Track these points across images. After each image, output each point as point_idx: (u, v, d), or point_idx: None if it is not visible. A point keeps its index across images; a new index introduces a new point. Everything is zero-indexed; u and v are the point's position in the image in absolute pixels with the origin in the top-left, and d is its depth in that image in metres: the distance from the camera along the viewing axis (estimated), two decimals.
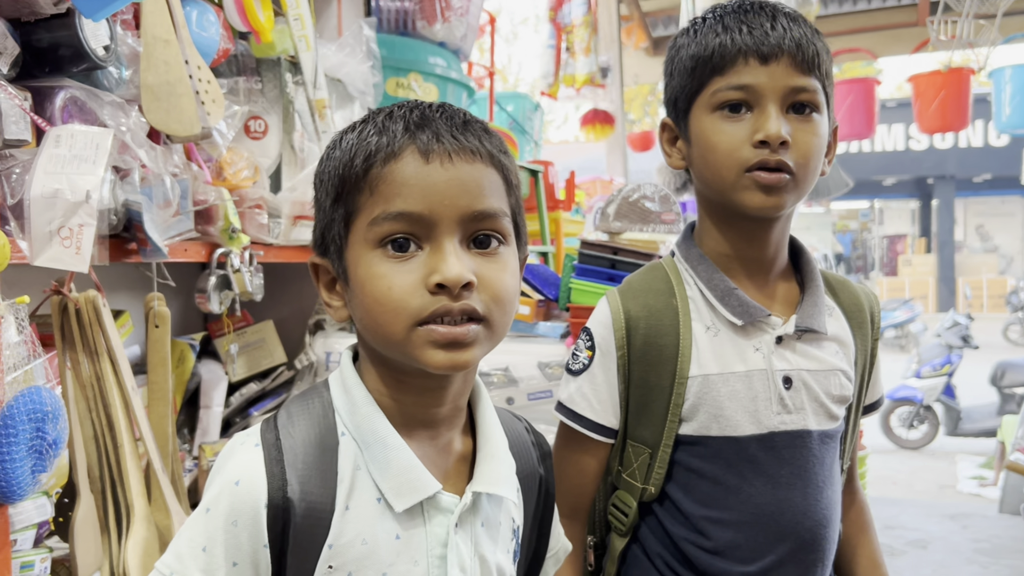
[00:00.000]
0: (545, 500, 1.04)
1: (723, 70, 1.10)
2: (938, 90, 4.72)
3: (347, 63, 2.09)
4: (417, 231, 0.81)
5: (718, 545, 1.14)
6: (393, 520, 0.84)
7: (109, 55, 1.32)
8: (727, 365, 1.14)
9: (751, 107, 1.09)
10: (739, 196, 1.10)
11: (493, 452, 0.91)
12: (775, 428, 1.13)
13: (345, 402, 0.88)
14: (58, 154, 1.19)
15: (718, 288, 1.15)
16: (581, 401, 1.19)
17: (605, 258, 1.97)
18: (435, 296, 0.80)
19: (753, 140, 1.07)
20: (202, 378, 1.91)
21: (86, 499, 1.34)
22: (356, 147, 0.84)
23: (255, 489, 0.81)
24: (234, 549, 0.80)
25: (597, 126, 5.32)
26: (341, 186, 0.84)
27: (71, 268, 1.19)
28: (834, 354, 1.18)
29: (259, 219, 1.75)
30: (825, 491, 1.15)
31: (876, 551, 1.30)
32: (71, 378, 1.34)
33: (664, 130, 1.22)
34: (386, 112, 0.86)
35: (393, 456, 0.84)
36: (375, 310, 0.82)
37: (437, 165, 0.81)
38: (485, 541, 0.90)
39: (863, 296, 1.26)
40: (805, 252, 1.22)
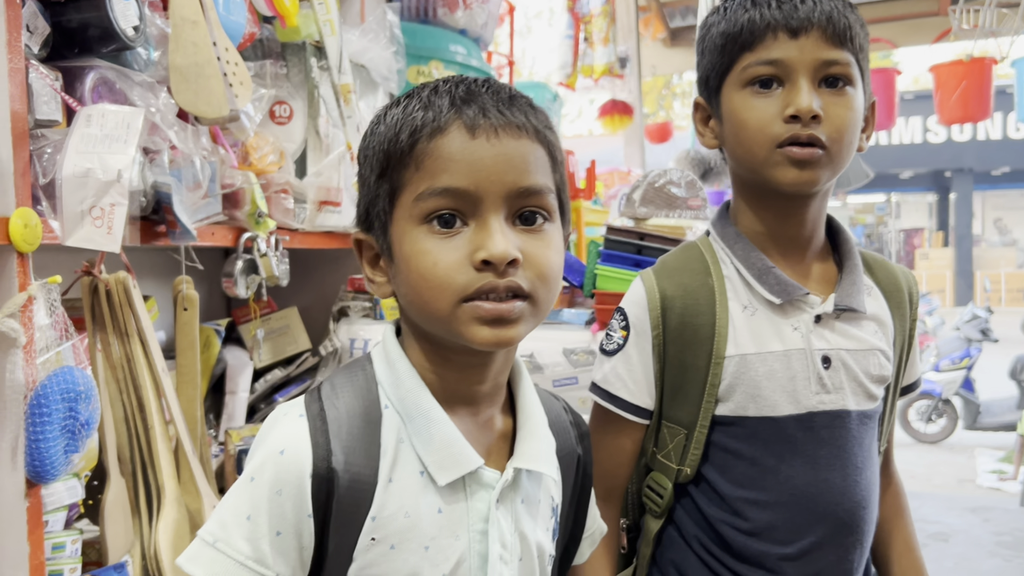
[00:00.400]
0: (583, 481, 1.03)
1: (752, 46, 1.08)
2: (959, 80, 4.68)
3: (371, 48, 2.08)
4: (463, 207, 0.81)
5: (755, 527, 1.12)
6: (435, 494, 0.84)
7: (138, 35, 1.32)
8: (764, 344, 1.12)
9: (782, 82, 1.07)
10: (772, 172, 1.08)
11: (533, 430, 0.91)
12: (814, 408, 1.12)
13: (389, 375, 0.87)
14: (89, 134, 1.19)
15: (755, 266, 1.14)
16: (616, 381, 1.18)
17: (631, 244, 1.95)
18: (480, 273, 0.79)
19: (784, 115, 1.06)
20: (227, 364, 1.91)
21: (116, 481, 1.34)
22: (401, 122, 0.83)
23: (300, 458, 0.81)
24: (278, 518, 0.80)
25: (615, 117, 5.29)
26: (386, 161, 0.84)
27: (103, 248, 1.18)
28: (873, 333, 1.16)
29: (285, 204, 1.75)
30: (864, 472, 1.14)
31: (911, 535, 1.28)
32: (101, 360, 1.34)
33: (697, 110, 1.21)
34: (431, 87, 0.85)
35: (436, 430, 0.84)
36: (420, 286, 0.81)
37: (483, 140, 0.81)
38: (525, 518, 0.90)
39: (901, 276, 1.24)
40: (843, 230, 1.20)
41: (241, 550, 0.80)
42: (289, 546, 0.81)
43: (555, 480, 0.96)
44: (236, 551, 0.80)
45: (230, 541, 0.80)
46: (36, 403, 1.10)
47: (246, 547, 0.80)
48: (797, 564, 1.12)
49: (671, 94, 18.44)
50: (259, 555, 0.80)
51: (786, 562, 1.12)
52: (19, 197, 1.10)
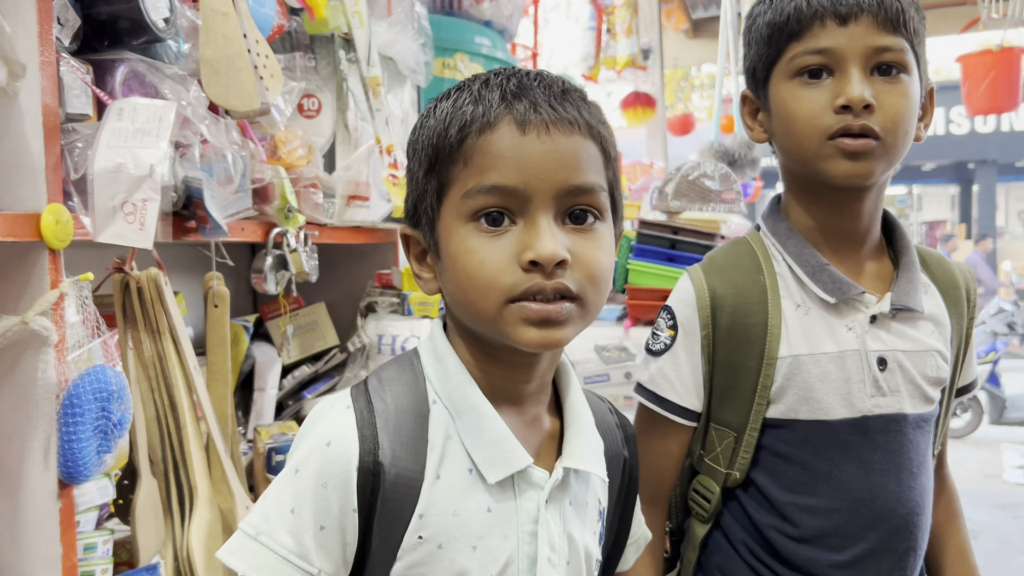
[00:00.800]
0: (629, 484, 1.00)
1: (800, 35, 1.04)
2: (988, 70, 4.60)
3: (398, 40, 2.05)
4: (511, 205, 0.78)
5: (806, 533, 1.09)
6: (484, 492, 0.82)
7: (169, 28, 1.29)
8: (818, 345, 1.08)
9: (831, 72, 1.03)
10: (824, 165, 1.04)
11: (581, 429, 0.88)
12: (869, 412, 1.08)
13: (437, 370, 0.85)
14: (121, 128, 1.17)
15: (808, 264, 1.10)
16: (663, 382, 1.14)
17: (665, 238, 1.92)
18: (528, 273, 0.77)
19: (835, 105, 1.02)
20: (256, 360, 1.89)
21: (147, 481, 1.32)
22: (451, 116, 0.81)
23: (347, 451, 0.79)
24: (323, 512, 0.78)
25: (638, 109, 5.24)
26: (435, 156, 0.81)
27: (135, 244, 1.16)
28: (930, 334, 1.12)
29: (314, 199, 1.72)
30: (919, 477, 1.10)
31: (965, 541, 1.24)
32: (133, 358, 1.32)
33: (745, 103, 1.17)
34: (482, 80, 0.82)
35: (486, 426, 0.82)
36: (467, 285, 0.79)
37: (534, 137, 0.78)
38: (573, 520, 0.88)
39: (959, 273, 1.20)
40: (899, 226, 1.16)
41: (284, 544, 0.78)
42: (333, 541, 0.79)
43: (603, 481, 0.93)
44: (279, 545, 0.78)
45: (273, 534, 0.78)
46: (68, 403, 1.09)
47: (289, 541, 0.78)
48: (848, 572, 1.09)
49: (689, 86, 18.33)
50: (302, 549, 0.78)
51: (837, 570, 1.08)
52: (51, 193, 1.09)
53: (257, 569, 0.78)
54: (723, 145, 4.25)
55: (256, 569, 0.78)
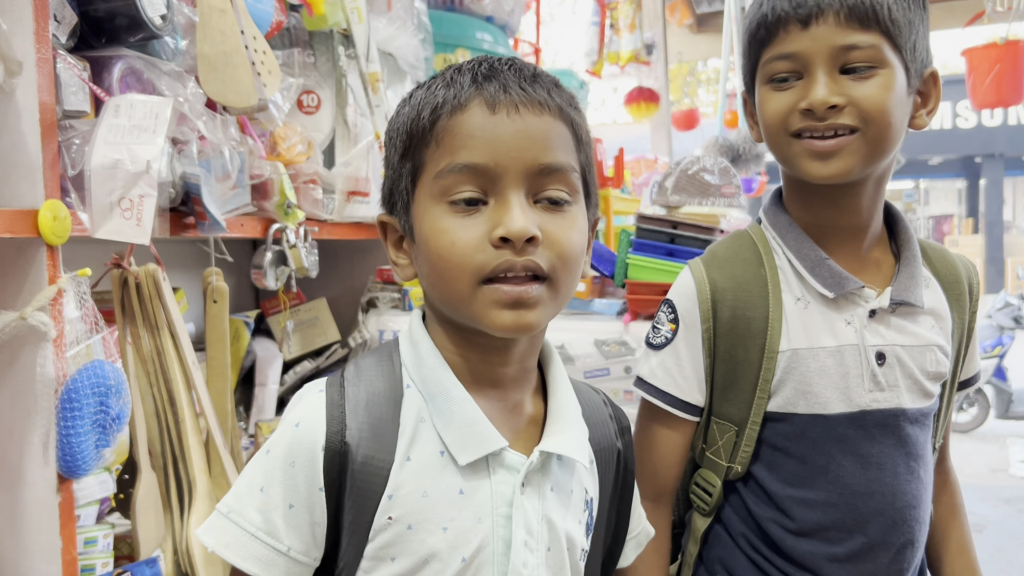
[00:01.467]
0: (624, 477, 1.00)
1: (768, 42, 1.05)
2: (993, 64, 4.57)
3: (398, 36, 2.05)
4: (482, 184, 0.80)
5: (804, 527, 1.09)
6: (456, 474, 0.82)
7: (166, 24, 1.30)
8: (816, 339, 1.08)
9: (800, 75, 1.03)
10: (797, 165, 1.05)
11: (563, 414, 0.89)
12: (867, 407, 1.07)
13: (412, 355, 0.87)
14: (118, 124, 1.17)
15: (808, 258, 1.09)
16: (664, 377, 1.14)
17: (664, 232, 1.92)
18: (498, 251, 0.78)
19: (799, 107, 1.02)
20: (257, 356, 1.90)
21: (147, 475, 1.33)
22: (423, 101, 0.83)
23: (313, 431, 0.81)
24: (291, 490, 0.80)
25: (642, 104, 5.24)
26: (408, 140, 0.83)
27: (132, 240, 1.17)
28: (930, 328, 1.11)
29: (314, 195, 1.73)
30: (917, 471, 1.10)
31: (966, 535, 1.24)
32: (132, 353, 1.33)
33: (745, 103, 1.18)
34: (456, 67, 0.84)
35: (457, 408, 0.82)
36: (439, 266, 0.80)
37: (503, 116, 0.79)
38: (555, 506, 0.87)
39: (961, 266, 1.18)
40: (901, 219, 1.15)
41: (252, 521, 0.80)
42: (301, 520, 0.81)
43: (586, 468, 0.93)
44: (248, 522, 0.80)
45: (243, 512, 0.81)
46: (67, 397, 1.09)
47: (257, 518, 0.80)
48: (846, 565, 1.08)
49: (696, 81, 18.28)
50: (270, 527, 0.80)
51: (835, 563, 1.08)
52: (48, 189, 1.09)
53: (226, 545, 0.80)
54: (727, 140, 4.24)
55: (225, 545, 0.80)
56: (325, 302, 2.10)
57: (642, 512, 1.06)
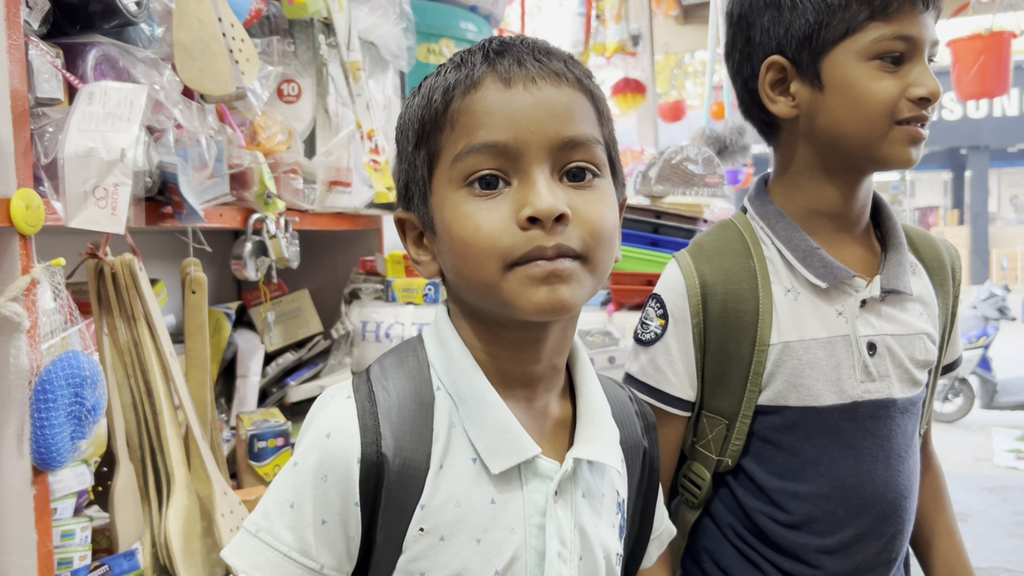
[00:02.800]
0: (649, 475, 0.97)
1: (887, 15, 0.99)
2: (978, 55, 4.58)
3: (380, 25, 2.03)
4: (504, 164, 0.75)
5: (795, 519, 1.08)
6: (489, 483, 0.78)
7: (141, 11, 1.28)
8: (807, 331, 1.07)
9: (905, 59, 1.01)
10: (889, 149, 1.02)
11: (595, 418, 0.84)
12: (859, 398, 1.07)
13: (441, 355, 0.82)
14: (91, 112, 1.16)
15: (799, 248, 1.08)
16: (655, 373, 1.12)
17: (647, 222, 1.91)
18: (527, 233, 0.73)
19: (912, 95, 1.00)
20: (238, 347, 1.88)
21: (125, 467, 1.32)
22: (435, 86, 0.78)
23: (347, 443, 0.76)
24: (323, 506, 0.76)
25: (628, 95, 5.22)
26: (421, 128, 0.79)
27: (107, 229, 1.15)
28: (918, 316, 1.11)
29: (294, 184, 1.72)
30: (906, 461, 1.10)
31: (951, 519, 1.24)
32: (108, 344, 1.31)
33: (771, 70, 1.06)
34: (466, 49, 0.80)
35: (491, 414, 0.78)
36: (464, 252, 0.75)
37: (520, 89, 0.75)
38: (586, 513, 0.84)
39: (944, 250, 1.18)
40: (885, 206, 1.14)
41: (284, 540, 0.76)
42: (335, 536, 0.77)
43: (619, 472, 0.90)
44: (279, 541, 0.76)
45: (273, 531, 0.76)
46: (40, 389, 1.08)
47: (289, 536, 0.76)
48: (836, 557, 1.08)
49: (683, 73, 18.29)
50: (303, 545, 0.76)
51: (824, 555, 1.08)
52: (20, 178, 1.07)
53: (258, 567, 0.76)
54: (714, 131, 4.24)
55: (257, 567, 0.76)
56: (307, 293, 2.09)
57: (665, 511, 1.03)
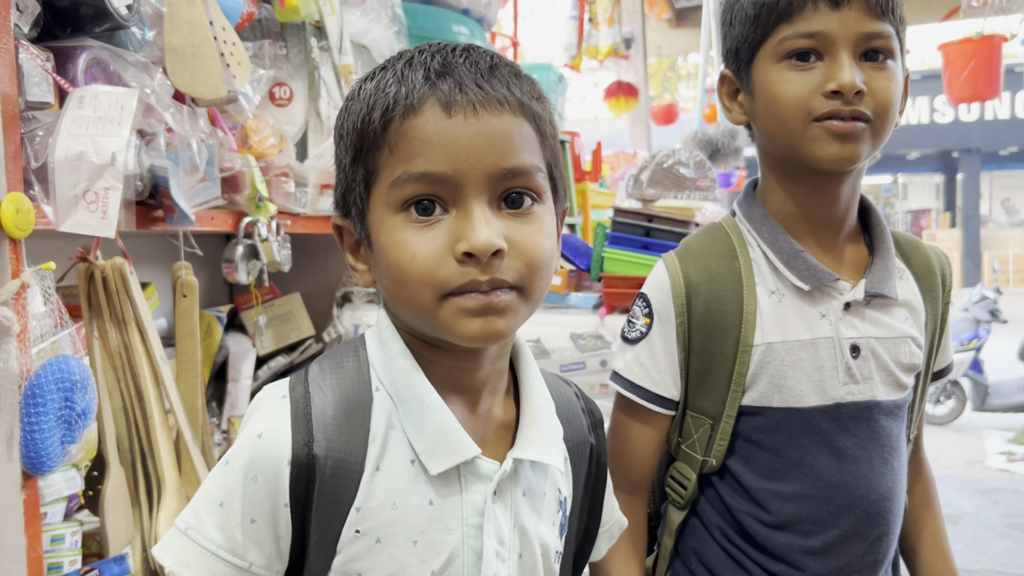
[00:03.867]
0: (597, 471, 0.98)
1: (791, 16, 1.02)
2: (969, 58, 4.61)
3: (372, 28, 2.04)
4: (441, 192, 0.75)
5: (779, 519, 1.09)
6: (427, 484, 0.79)
7: (132, 15, 1.28)
8: (791, 333, 1.08)
9: (821, 55, 1.01)
10: (810, 147, 1.02)
11: (537, 417, 0.85)
12: (841, 399, 1.07)
13: (381, 356, 0.82)
14: (82, 115, 1.15)
15: (783, 250, 1.08)
16: (639, 371, 1.13)
17: (639, 226, 1.92)
18: (463, 266, 0.73)
19: (825, 90, 1.00)
20: (230, 351, 1.88)
21: (116, 472, 1.31)
22: (374, 99, 0.77)
23: (278, 444, 0.76)
24: (253, 505, 0.76)
25: (621, 98, 5.24)
26: (360, 143, 0.78)
27: (97, 233, 1.15)
28: (904, 320, 1.12)
29: (286, 188, 1.71)
30: (891, 463, 1.10)
31: (939, 525, 1.24)
32: (99, 348, 1.31)
33: (723, 83, 1.14)
34: (407, 58, 0.78)
35: (430, 415, 0.78)
36: (400, 279, 0.76)
37: (461, 119, 0.74)
38: (527, 511, 0.85)
39: (934, 258, 1.19)
40: (875, 211, 1.15)
41: (212, 538, 0.76)
42: (264, 535, 0.77)
43: (562, 470, 0.91)
44: (207, 539, 0.77)
45: (201, 529, 0.77)
46: (30, 393, 1.07)
47: (217, 535, 0.76)
48: (820, 558, 1.09)
49: (676, 76, 18.33)
50: (231, 544, 0.76)
51: (809, 556, 1.08)
52: (10, 181, 1.07)
53: (186, 565, 0.76)
54: (706, 134, 4.26)
55: (184, 565, 0.76)
56: (299, 296, 2.09)
57: (615, 503, 1.05)
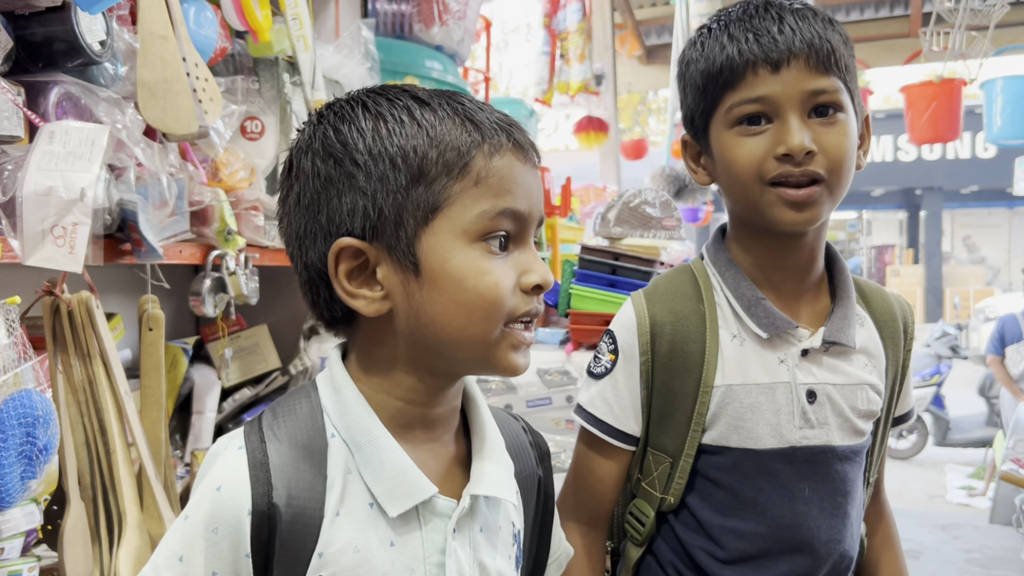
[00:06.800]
0: (545, 502, 1.00)
1: (734, 84, 1.04)
2: (930, 101, 4.72)
3: (345, 64, 2.06)
4: (514, 229, 0.82)
5: (732, 555, 1.11)
6: (387, 526, 0.80)
7: (105, 50, 1.29)
8: (750, 376, 1.10)
9: (770, 118, 1.03)
10: (768, 212, 1.05)
11: (490, 453, 0.87)
12: (797, 443, 1.09)
13: (335, 402, 0.83)
14: (52, 151, 1.16)
15: (745, 297, 1.11)
16: (602, 406, 1.15)
17: (606, 263, 1.95)
18: (527, 296, 0.81)
19: (775, 153, 1.02)
20: (195, 383, 1.87)
21: (76, 506, 1.30)
22: (443, 131, 0.79)
23: (238, 495, 0.76)
24: (214, 558, 0.76)
25: (591, 133, 5.30)
26: (423, 166, 0.78)
27: (64, 268, 1.15)
28: (862, 367, 1.14)
29: (255, 221, 1.72)
30: (845, 507, 1.12)
31: (900, 568, 1.26)
32: (62, 381, 1.30)
33: (686, 147, 1.17)
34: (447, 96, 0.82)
35: (386, 458, 0.80)
36: (476, 305, 0.78)
37: (531, 166, 0.84)
38: (484, 547, 0.86)
39: (896, 305, 1.21)
40: (839, 260, 1.17)
41: None
42: None
43: (515, 505, 0.92)
44: None
45: None
46: None
47: None
48: None
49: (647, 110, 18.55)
50: None
51: None
52: None
53: None
54: (674, 170, 4.30)
55: None
56: (266, 329, 2.08)
57: (562, 534, 1.07)
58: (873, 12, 6.57)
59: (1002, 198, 17.77)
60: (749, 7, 1.07)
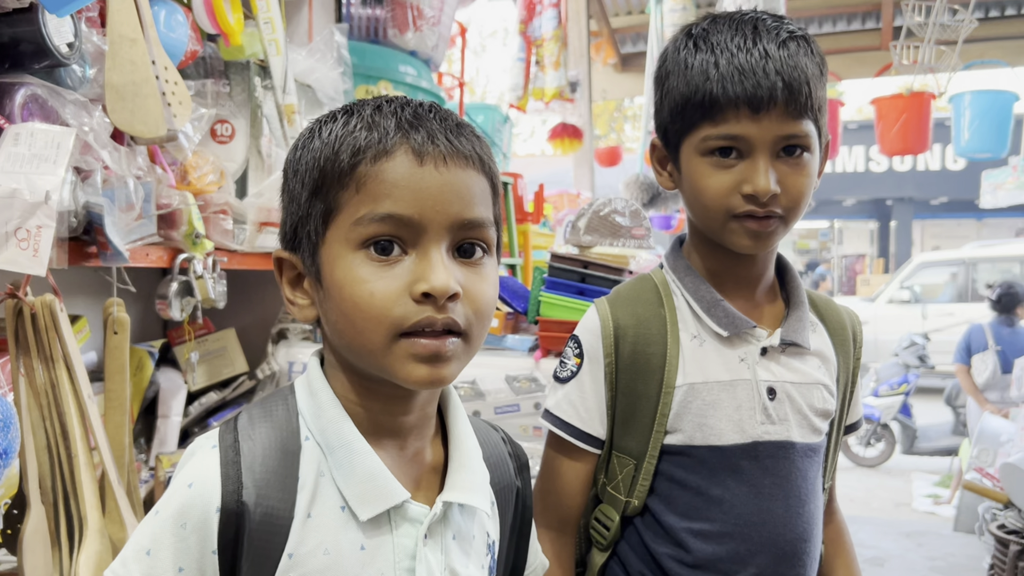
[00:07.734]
0: (522, 514, 1.01)
1: (713, 117, 1.07)
2: (900, 113, 4.79)
3: (317, 69, 2.06)
4: (404, 235, 0.78)
5: (698, 559, 1.12)
6: (358, 530, 0.80)
7: (73, 52, 1.28)
8: (711, 374, 1.13)
9: (741, 154, 1.07)
10: (727, 238, 1.11)
11: (465, 462, 0.88)
12: (759, 437, 1.13)
13: (310, 405, 0.84)
14: (17, 153, 1.15)
15: (704, 299, 1.15)
16: (568, 408, 1.18)
17: (575, 272, 1.96)
18: (419, 305, 0.77)
19: (742, 190, 1.06)
20: (160, 387, 1.86)
21: (37, 510, 1.29)
22: (341, 139, 0.79)
23: (207, 492, 0.77)
24: (181, 553, 0.76)
25: (565, 140, 5.32)
26: (321, 179, 0.80)
27: (28, 271, 1.14)
28: (816, 368, 1.18)
29: (224, 225, 1.72)
30: (807, 505, 1.15)
31: (853, 571, 1.29)
32: (24, 385, 1.29)
33: (655, 151, 1.20)
34: (373, 105, 0.82)
35: (359, 461, 0.80)
36: (355, 316, 0.78)
37: (431, 168, 0.78)
38: (457, 555, 0.86)
39: (846, 316, 1.27)
40: (790, 269, 1.23)
41: None
42: None
43: (489, 514, 0.93)
44: None
45: None
46: None
47: None
48: None
49: (622, 116, 18.62)
50: None
51: None
52: None
53: None
54: (648, 177, 4.33)
55: None
56: (234, 332, 2.07)
57: (538, 547, 1.07)
58: (845, 25, 6.66)
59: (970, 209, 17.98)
60: (737, 29, 1.08)
